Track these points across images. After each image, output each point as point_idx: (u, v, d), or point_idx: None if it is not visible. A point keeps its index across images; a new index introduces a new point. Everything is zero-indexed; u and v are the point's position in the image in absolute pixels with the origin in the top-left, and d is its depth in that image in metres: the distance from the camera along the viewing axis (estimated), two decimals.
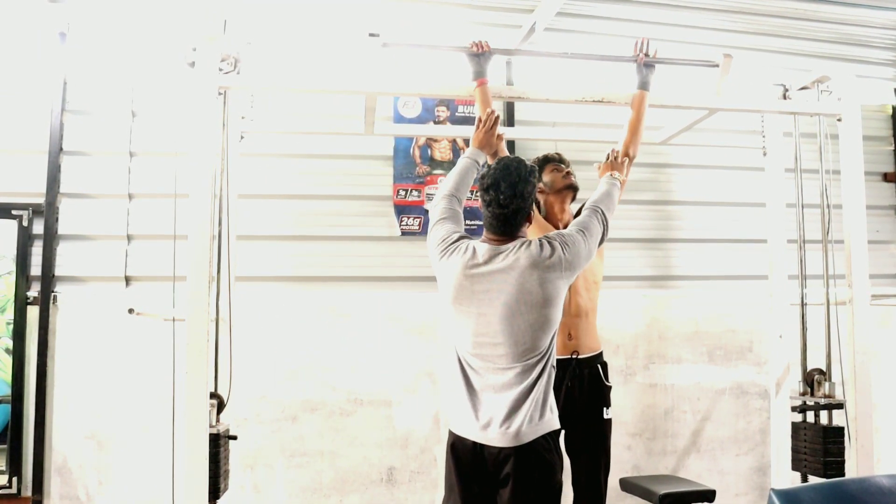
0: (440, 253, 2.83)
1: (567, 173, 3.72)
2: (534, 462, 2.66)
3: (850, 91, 3.75)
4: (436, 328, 4.66)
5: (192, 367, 3.04)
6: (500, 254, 2.72)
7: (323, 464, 4.59)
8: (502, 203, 2.72)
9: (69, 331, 4.41)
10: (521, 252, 2.69)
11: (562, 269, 2.68)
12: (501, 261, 2.71)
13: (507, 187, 2.72)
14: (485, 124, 3.17)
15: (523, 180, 2.75)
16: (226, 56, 3.48)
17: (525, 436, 2.64)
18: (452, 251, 2.80)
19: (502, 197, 2.72)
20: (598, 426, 3.52)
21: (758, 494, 5.09)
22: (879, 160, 5.57)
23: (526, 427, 2.65)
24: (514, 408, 2.66)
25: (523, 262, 2.66)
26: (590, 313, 3.57)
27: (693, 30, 4.75)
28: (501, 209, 2.73)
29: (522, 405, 2.66)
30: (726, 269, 5.22)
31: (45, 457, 4.32)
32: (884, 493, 2.22)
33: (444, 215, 2.94)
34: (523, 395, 2.67)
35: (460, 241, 2.83)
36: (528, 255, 2.67)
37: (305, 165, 4.76)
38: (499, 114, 3.22)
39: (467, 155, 3.11)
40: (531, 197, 2.78)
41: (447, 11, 4.56)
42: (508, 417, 2.66)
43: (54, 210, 4.45)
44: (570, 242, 2.72)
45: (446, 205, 2.97)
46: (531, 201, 2.79)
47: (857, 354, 3.64)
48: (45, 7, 4.42)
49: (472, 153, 3.13)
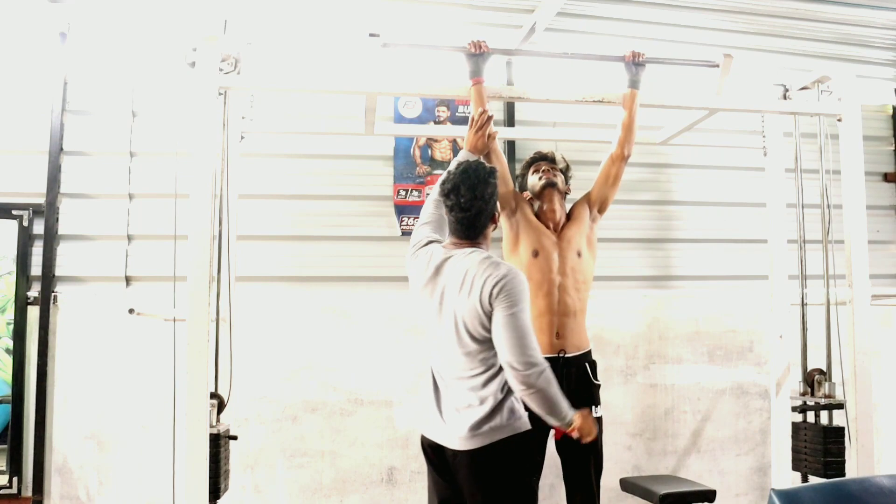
0: (410, 257, 2.95)
1: (545, 171, 3.69)
2: (492, 464, 2.69)
3: (850, 91, 3.75)
4: None
5: (192, 368, 3.04)
6: (451, 258, 2.80)
7: (323, 464, 4.59)
8: (463, 206, 2.78)
9: (69, 331, 4.41)
10: (469, 264, 2.73)
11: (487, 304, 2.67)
12: (452, 269, 2.78)
13: (466, 190, 2.76)
14: (476, 123, 3.20)
15: (482, 182, 2.79)
16: (226, 56, 3.48)
17: (483, 438, 2.68)
18: (419, 256, 2.91)
19: (463, 200, 2.77)
20: None
21: (758, 494, 5.09)
22: (880, 160, 5.57)
23: (484, 429, 2.68)
24: (472, 411, 2.70)
25: (476, 279, 2.69)
26: (578, 313, 3.54)
27: (693, 30, 4.75)
28: (463, 212, 2.79)
29: (480, 408, 2.70)
30: (727, 269, 5.22)
31: (46, 457, 4.32)
32: (884, 494, 2.22)
33: (426, 220, 3.04)
34: (481, 399, 2.70)
35: (428, 245, 2.91)
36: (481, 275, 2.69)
37: (306, 165, 4.76)
38: (491, 114, 3.24)
39: (459, 158, 3.13)
40: (493, 199, 2.82)
41: (448, 11, 4.55)
42: (467, 420, 2.71)
43: (54, 210, 4.44)
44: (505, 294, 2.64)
45: (431, 209, 3.05)
46: (493, 203, 2.83)
47: (858, 354, 3.64)
48: (45, 7, 4.42)
49: (464, 156, 3.18)
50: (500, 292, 2.64)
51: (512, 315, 2.62)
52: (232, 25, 4.06)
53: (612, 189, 3.67)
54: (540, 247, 3.53)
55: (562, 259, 3.53)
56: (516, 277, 2.68)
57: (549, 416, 2.66)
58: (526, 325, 2.64)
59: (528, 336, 2.63)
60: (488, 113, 3.24)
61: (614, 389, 4.91)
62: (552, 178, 3.66)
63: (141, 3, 4.43)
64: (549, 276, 3.50)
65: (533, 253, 3.53)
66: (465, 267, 2.74)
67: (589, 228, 3.65)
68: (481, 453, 2.69)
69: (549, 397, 2.62)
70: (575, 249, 3.56)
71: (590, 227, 3.65)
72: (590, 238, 3.64)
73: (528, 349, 2.61)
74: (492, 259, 2.74)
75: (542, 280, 3.49)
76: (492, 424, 2.68)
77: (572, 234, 3.58)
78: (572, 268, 3.53)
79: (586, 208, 3.67)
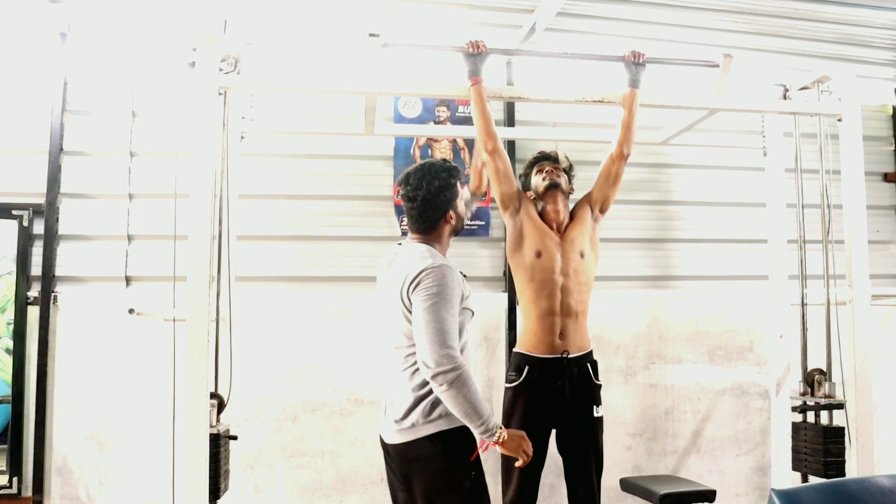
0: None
1: (548, 171, 3.68)
2: (416, 461, 2.70)
3: (850, 91, 3.75)
4: None
5: (192, 368, 3.04)
6: (399, 253, 2.84)
7: (324, 464, 4.59)
8: (409, 196, 2.82)
9: (69, 331, 4.41)
10: (406, 259, 2.75)
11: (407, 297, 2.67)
12: (395, 262, 2.82)
13: (414, 179, 2.81)
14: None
15: (432, 175, 2.81)
16: (226, 56, 3.48)
17: (405, 434, 2.70)
18: (384, 256, 2.98)
19: (409, 189, 2.82)
20: (589, 425, 3.50)
21: (758, 495, 5.09)
22: (880, 160, 5.57)
23: (405, 425, 2.70)
24: (403, 406, 2.71)
25: (403, 272, 2.71)
26: (580, 314, 3.54)
27: (693, 30, 4.74)
28: (409, 202, 2.84)
29: (403, 404, 2.71)
30: (727, 270, 5.22)
31: (46, 457, 4.32)
32: (884, 494, 2.22)
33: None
34: (405, 395, 2.71)
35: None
36: (406, 267, 2.70)
37: (306, 165, 4.76)
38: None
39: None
40: (442, 195, 2.81)
41: (448, 11, 4.55)
42: (393, 414, 2.75)
43: (54, 210, 4.44)
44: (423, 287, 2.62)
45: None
46: (443, 199, 2.81)
47: (858, 354, 3.64)
48: (45, 7, 4.42)
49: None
50: (419, 285, 2.61)
51: (426, 310, 2.58)
52: (232, 25, 4.06)
53: (612, 189, 3.67)
54: (543, 247, 3.52)
55: (565, 260, 3.52)
56: (438, 270, 2.63)
57: (466, 420, 2.60)
58: (443, 321, 2.57)
59: (445, 332, 2.55)
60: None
61: (614, 389, 4.91)
62: (556, 178, 3.65)
63: (141, 3, 4.42)
64: (552, 276, 3.49)
65: (536, 253, 3.52)
66: (401, 260, 2.78)
67: (591, 229, 3.64)
68: (405, 448, 2.70)
69: (462, 400, 2.55)
70: (578, 250, 3.55)
71: (592, 228, 3.64)
72: (592, 238, 3.64)
73: (443, 346, 2.54)
74: (426, 253, 2.72)
75: (545, 281, 3.49)
76: (412, 420, 2.68)
77: (575, 235, 3.57)
78: (575, 269, 3.52)
79: (588, 208, 3.66)
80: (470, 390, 2.56)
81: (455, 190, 2.86)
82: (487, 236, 4.89)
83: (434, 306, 2.58)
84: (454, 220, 2.88)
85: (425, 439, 2.66)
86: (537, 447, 3.43)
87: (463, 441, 2.68)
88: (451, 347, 2.55)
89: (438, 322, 2.56)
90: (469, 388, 2.56)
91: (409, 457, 2.71)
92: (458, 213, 2.89)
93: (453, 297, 2.63)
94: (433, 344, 2.54)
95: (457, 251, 4.81)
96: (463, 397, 2.55)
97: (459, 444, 2.68)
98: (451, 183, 2.85)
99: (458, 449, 2.68)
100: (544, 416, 3.46)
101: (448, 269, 2.66)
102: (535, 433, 3.42)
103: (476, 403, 2.58)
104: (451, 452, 2.68)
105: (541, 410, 3.45)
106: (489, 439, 2.63)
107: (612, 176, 3.64)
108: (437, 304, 2.58)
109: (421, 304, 2.59)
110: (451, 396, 2.55)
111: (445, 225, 2.86)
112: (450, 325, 2.59)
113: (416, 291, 2.62)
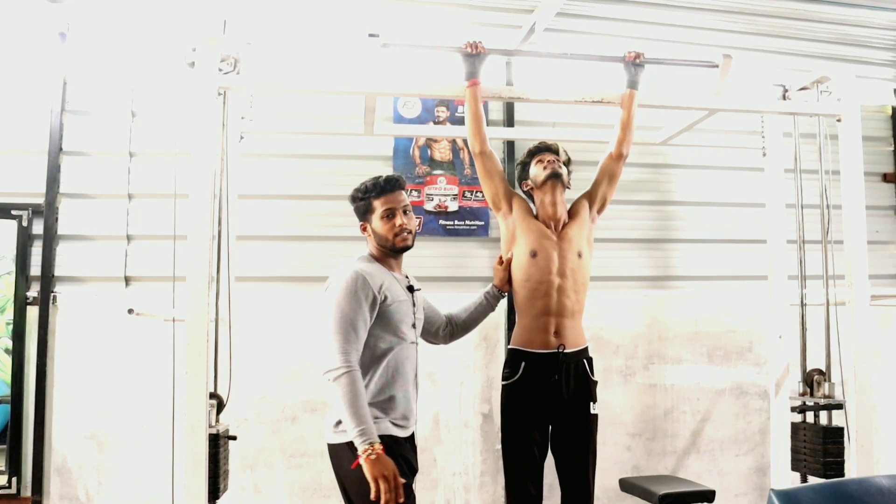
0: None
1: (550, 161, 3.60)
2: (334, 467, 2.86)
3: (849, 91, 3.74)
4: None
5: (191, 368, 3.03)
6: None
7: (323, 464, 4.54)
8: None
9: (69, 331, 4.41)
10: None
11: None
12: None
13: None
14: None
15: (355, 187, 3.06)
16: (225, 56, 3.48)
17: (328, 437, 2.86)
18: None
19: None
20: (584, 421, 3.46)
21: (757, 495, 5.09)
22: (879, 160, 5.57)
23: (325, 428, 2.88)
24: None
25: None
26: (576, 314, 3.50)
27: (693, 30, 4.74)
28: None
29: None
30: (726, 270, 5.22)
31: (45, 457, 4.32)
32: (883, 494, 2.22)
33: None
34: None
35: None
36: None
37: (305, 166, 4.76)
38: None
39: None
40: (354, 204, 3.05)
41: (447, 12, 4.55)
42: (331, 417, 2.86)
43: (54, 210, 4.44)
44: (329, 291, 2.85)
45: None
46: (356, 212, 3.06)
47: (857, 355, 3.64)
48: (45, 7, 4.41)
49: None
50: (327, 289, 2.84)
51: (326, 313, 2.76)
52: (231, 25, 4.06)
53: (610, 188, 3.65)
54: (539, 247, 3.48)
55: (562, 260, 3.47)
56: (341, 275, 2.81)
57: (345, 421, 2.66)
58: (337, 324, 2.72)
59: (337, 334, 2.70)
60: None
61: (614, 389, 4.91)
62: (557, 168, 3.57)
63: (141, 3, 4.42)
64: (549, 277, 3.44)
65: (531, 253, 3.47)
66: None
67: (588, 228, 3.60)
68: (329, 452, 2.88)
69: (343, 402, 2.63)
70: (576, 250, 3.50)
71: (589, 228, 3.61)
72: (589, 238, 3.60)
73: (332, 348, 2.68)
74: (355, 258, 2.96)
75: (541, 281, 3.44)
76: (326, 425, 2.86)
77: (573, 234, 3.53)
78: (572, 269, 3.47)
79: (586, 207, 3.63)
80: (350, 395, 2.64)
81: (364, 204, 3.00)
82: (486, 236, 4.89)
83: (332, 309, 2.75)
84: (371, 234, 3.01)
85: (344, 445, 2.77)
86: (538, 445, 3.44)
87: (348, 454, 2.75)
88: (339, 351, 2.69)
89: (333, 324, 2.73)
90: (350, 393, 2.64)
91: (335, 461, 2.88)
92: (373, 229, 3.00)
93: (356, 300, 2.75)
94: (327, 344, 2.72)
95: (455, 251, 4.86)
96: (343, 400, 2.64)
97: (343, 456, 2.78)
98: (357, 196, 3.01)
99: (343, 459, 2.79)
100: (542, 413, 3.42)
101: (358, 274, 2.80)
102: (534, 431, 3.43)
103: (356, 410, 2.64)
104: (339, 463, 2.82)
105: (538, 406, 3.41)
106: (359, 448, 2.63)
107: (611, 176, 3.63)
108: (334, 307, 2.75)
109: (326, 308, 2.78)
110: (335, 394, 2.67)
111: (367, 235, 3.03)
112: (342, 327, 2.72)
113: (325, 295, 2.84)
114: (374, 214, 2.96)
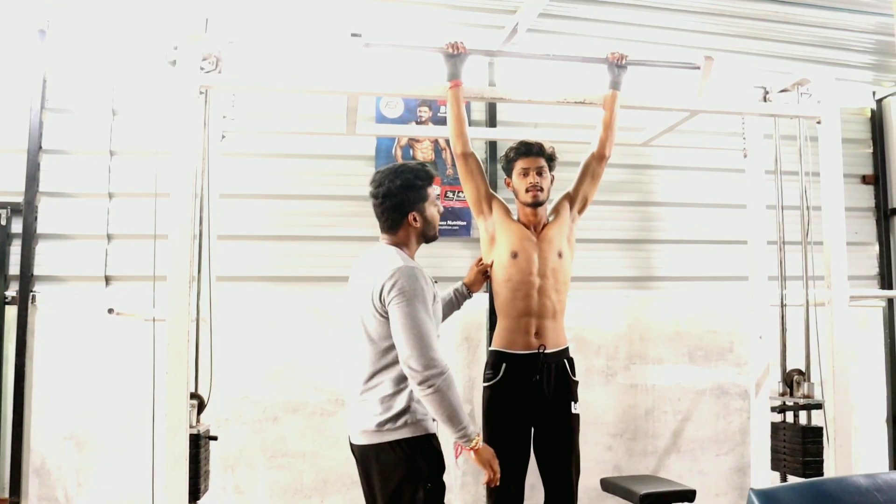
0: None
1: (532, 185, 3.52)
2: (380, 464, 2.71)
3: (829, 94, 3.78)
4: None
5: (172, 368, 3.02)
6: (366, 255, 2.87)
7: (305, 464, 4.57)
8: (373, 193, 2.86)
9: (48, 331, 4.38)
10: (375, 260, 2.76)
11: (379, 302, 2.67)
12: (365, 263, 2.84)
13: (380, 177, 2.86)
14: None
15: (396, 173, 2.83)
16: (207, 55, 3.46)
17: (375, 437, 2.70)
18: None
19: (374, 185, 2.86)
20: (566, 421, 3.47)
21: (738, 494, 5.12)
22: (858, 162, 5.62)
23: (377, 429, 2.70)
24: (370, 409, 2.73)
25: (372, 273, 2.72)
26: (558, 314, 3.51)
27: (675, 32, 4.76)
28: (373, 199, 2.86)
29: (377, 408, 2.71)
30: (707, 271, 5.25)
31: (24, 458, 4.28)
32: (861, 493, 2.23)
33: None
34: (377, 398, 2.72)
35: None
36: (376, 269, 2.71)
37: (287, 165, 4.74)
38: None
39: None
40: (404, 194, 2.81)
41: (430, 12, 4.54)
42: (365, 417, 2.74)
43: (33, 209, 4.41)
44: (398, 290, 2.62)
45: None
46: (405, 199, 2.81)
47: (836, 355, 3.67)
48: (24, 3, 4.38)
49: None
50: (392, 287, 2.62)
51: (405, 314, 2.60)
52: (213, 24, 4.05)
53: (591, 188, 3.65)
54: (520, 248, 3.48)
55: (542, 260, 3.47)
56: (409, 271, 2.65)
57: (447, 423, 2.63)
58: (422, 323, 2.59)
59: (426, 335, 2.59)
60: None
61: (595, 390, 4.93)
62: (539, 196, 3.52)
63: (122, 0, 4.40)
64: (529, 277, 3.45)
65: (512, 254, 3.47)
66: (368, 262, 2.79)
67: (569, 228, 3.60)
68: (368, 451, 2.73)
69: (447, 403, 2.58)
70: (556, 250, 3.50)
71: (570, 228, 3.61)
72: (570, 238, 3.60)
73: (428, 349, 2.57)
74: (396, 255, 2.73)
75: (521, 282, 3.45)
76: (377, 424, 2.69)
77: (553, 235, 3.53)
78: (553, 269, 3.48)
79: (567, 207, 3.63)
80: (455, 395, 2.60)
81: (420, 192, 2.83)
82: (468, 236, 4.89)
83: (412, 309, 2.59)
84: (419, 223, 2.84)
85: (387, 444, 2.68)
86: (520, 446, 3.44)
87: (424, 451, 2.70)
88: (434, 350, 2.58)
89: (418, 325, 2.58)
90: (454, 392, 2.60)
91: (372, 460, 2.73)
92: (424, 217, 2.85)
93: (427, 298, 2.65)
94: (417, 348, 2.56)
95: (437, 251, 4.78)
96: (448, 402, 2.58)
97: (420, 453, 2.69)
98: (416, 184, 2.82)
99: (417, 458, 2.68)
100: (524, 414, 3.43)
101: (418, 271, 2.68)
102: (516, 431, 3.43)
103: (459, 408, 2.61)
104: (410, 460, 2.68)
105: (520, 407, 3.42)
106: (466, 444, 2.66)
107: (592, 176, 3.63)
108: (413, 306, 2.60)
109: (397, 308, 2.60)
110: (435, 400, 2.57)
111: (409, 227, 2.84)
112: (429, 328, 2.61)
113: (389, 293, 2.62)
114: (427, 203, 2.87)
